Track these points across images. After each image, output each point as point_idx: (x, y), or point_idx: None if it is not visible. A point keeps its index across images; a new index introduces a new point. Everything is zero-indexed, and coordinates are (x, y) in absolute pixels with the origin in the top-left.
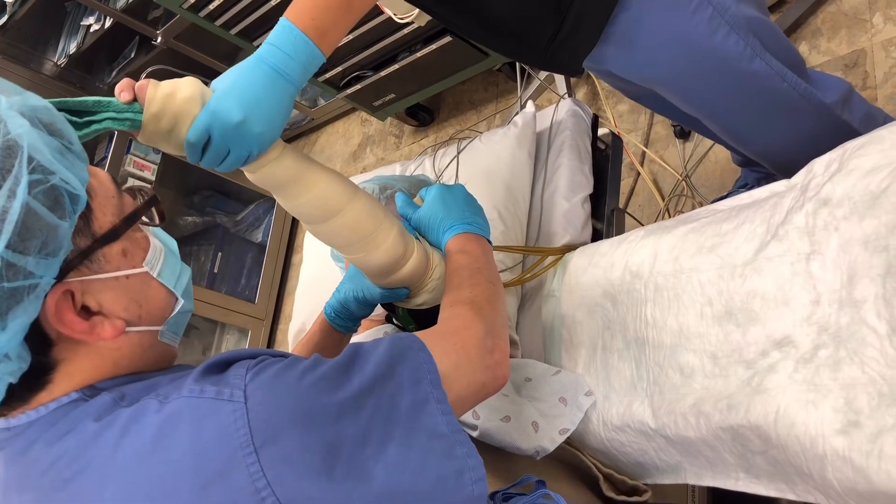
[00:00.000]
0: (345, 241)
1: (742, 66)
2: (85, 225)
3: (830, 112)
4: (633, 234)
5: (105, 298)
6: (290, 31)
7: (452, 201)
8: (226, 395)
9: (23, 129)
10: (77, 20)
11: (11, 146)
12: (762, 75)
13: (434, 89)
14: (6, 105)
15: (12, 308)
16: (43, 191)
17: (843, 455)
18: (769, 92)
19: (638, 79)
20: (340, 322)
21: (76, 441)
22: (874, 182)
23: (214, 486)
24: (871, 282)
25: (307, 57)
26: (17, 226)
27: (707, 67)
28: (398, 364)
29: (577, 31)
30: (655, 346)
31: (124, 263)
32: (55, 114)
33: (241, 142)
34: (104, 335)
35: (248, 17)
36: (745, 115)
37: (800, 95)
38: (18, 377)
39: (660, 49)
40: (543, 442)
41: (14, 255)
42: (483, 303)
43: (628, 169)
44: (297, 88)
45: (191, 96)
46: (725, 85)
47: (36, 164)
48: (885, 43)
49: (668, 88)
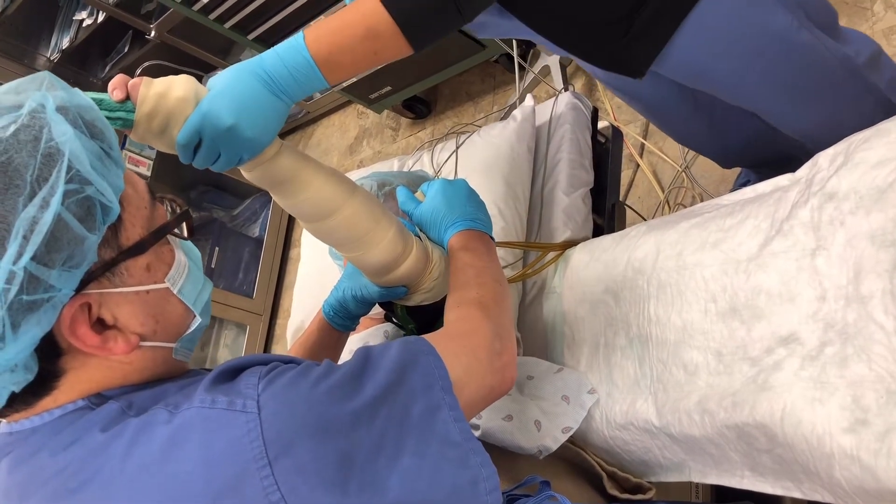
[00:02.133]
0: (342, 238)
1: (790, 38)
2: (113, 236)
3: (862, 75)
4: (634, 229)
5: (122, 312)
6: (299, 53)
7: (455, 197)
8: (238, 405)
9: (66, 137)
10: (69, 15)
11: (53, 154)
12: (808, 46)
13: (431, 81)
14: (52, 108)
15: (27, 319)
16: (76, 201)
17: (850, 453)
18: (814, 63)
19: (688, 73)
20: (339, 321)
21: (82, 451)
22: (880, 176)
23: (226, 500)
24: (878, 277)
25: (308, 80)
26: (45, 237)
27: (760, 44)
28: (410, 370)
29: (655, 24)
30: (659, 342)
31: (146, 278)
32: (98, 113)
33: (231, 146)
34: (116, 350)
35: (242, 10)
36: (792, 92)
37: (839, 63)
38: (22, 387)
39: (724, 39)
40: (546, 441)
41: (38, 268)
42: (490, 303)
43: (627, 161)
44: (291, 104)
45: (184, 96)
46: (776, 62)
47: (74, 173)
48: (887, 31)
49: (718, 80)
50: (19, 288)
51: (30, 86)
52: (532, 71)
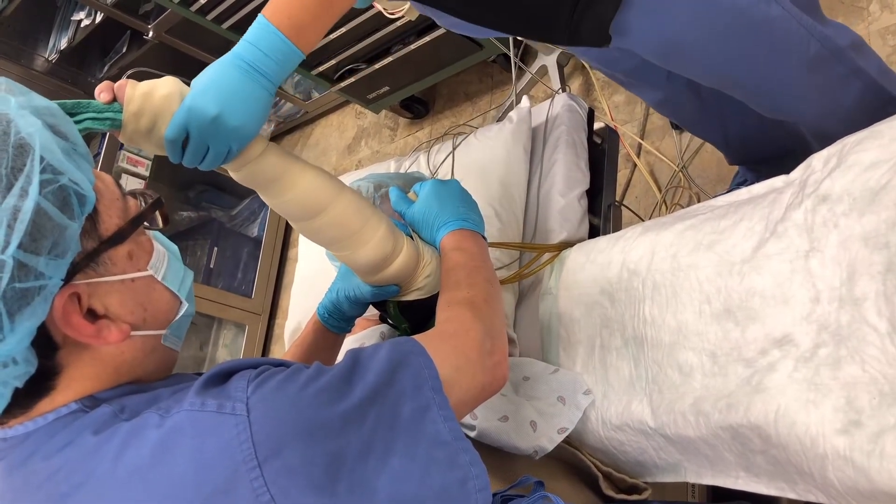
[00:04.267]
0: (331, 237)
1: (759, 12)
2: (92, 227)
3: (846, 56)
4: (630, 230)
5: (111, 302)
6: (265, 29)
7: (447, 196)
8: (228, 408)
9: (34, 129)
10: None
11: (23, 145)
12: (779, 20)
13: (428, 81)
14: (16, 104)
15: (22, 310)
16: (53, 191)
17: (844, 454)
18: (788, 38)
19: (657, 49)
20: (334, 322)
21: (75, 454)
22: (874, 178)
23: (217, 502)
24: (871, 279)
25: (284, 55)
26: (28, 226)
27: (727, 20)
28: (399, 370)
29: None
30: (654, 344)
31: (130, 266)
32: (60, 114)
33: (218, 137)
34: (110, 339)
35: (240, 11)
36: (767, 69)
37: (817, 40)
38: (24, 381)
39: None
40: (542, 441)
41: (26, 256)
42: (481, 303)
43: (624, 160)
44: (275, 85)
45: (169, 94)
46: (745, 37)
47: (46, 163)
48: (883, 31)
49: (688, 55)
50: (10, 276)
51: None
52: (529, 71)
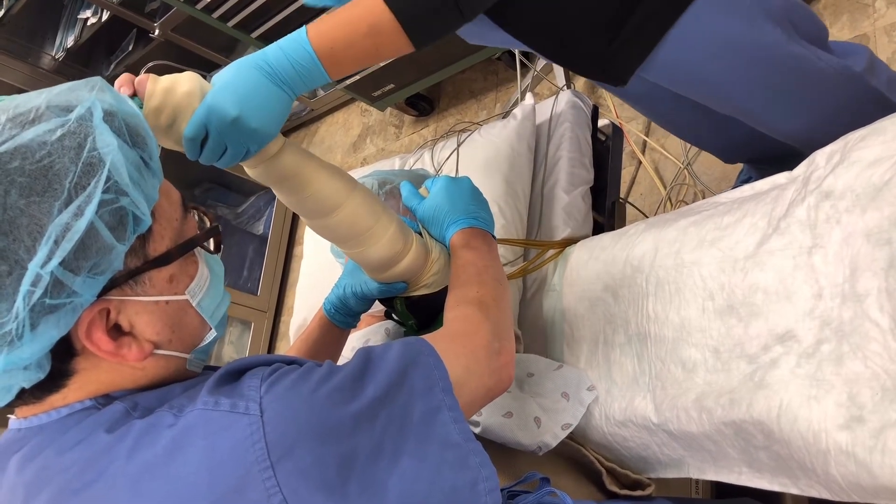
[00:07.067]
0: (344, 235)
1: (782, 49)
2: (140, 246)
3: (863, 81)
4: (633, 227)
5: (139, 321)
6: (302, 47)
7: (458, 194)
8: (241, 408)
9: (109, 148)
10: (74, 13)
11: (94, 163)
12: (801, 57)
13: (433, 79)
14: (100, 116)
15: (46, 321)
16: (110, 211)
17: (846, 450)
18: (809, 71)
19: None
20: (339, 318)
21: (87, 452)
22: (876, 174)
23: (229, 502)
24: (873, 275)
25: (311, 75)
26: (76, 244)
27: (750, 55)
28: (410, 371)
29: (640, 33)
30: (657, 340)
31: (168, 289)
32: (142, 122)
33: (237, 138)
34: (129, 357)
35: (246, 8)
36: (786, 101)
37: (836, 72)
38: (32, 384)
39: (708, 48)
40: (546, 437)
41: (64, 273)
42: (490, 303)
43: (630, 158)
44: (295, 97)
45: (190, 91)
46: (765, 73)
47: (112, 183)
48: (888, 28)
49: (711, 86)
50: (43, 291)
51: (83, 88)
52: (534, 68)
